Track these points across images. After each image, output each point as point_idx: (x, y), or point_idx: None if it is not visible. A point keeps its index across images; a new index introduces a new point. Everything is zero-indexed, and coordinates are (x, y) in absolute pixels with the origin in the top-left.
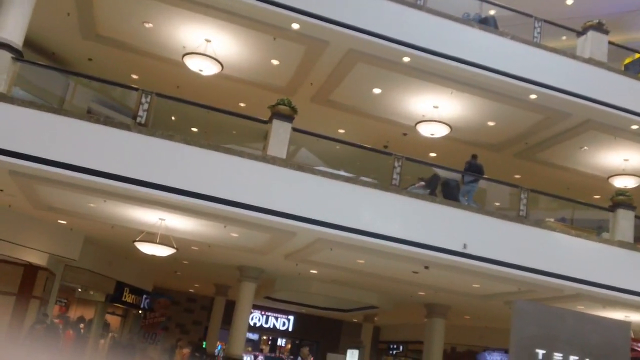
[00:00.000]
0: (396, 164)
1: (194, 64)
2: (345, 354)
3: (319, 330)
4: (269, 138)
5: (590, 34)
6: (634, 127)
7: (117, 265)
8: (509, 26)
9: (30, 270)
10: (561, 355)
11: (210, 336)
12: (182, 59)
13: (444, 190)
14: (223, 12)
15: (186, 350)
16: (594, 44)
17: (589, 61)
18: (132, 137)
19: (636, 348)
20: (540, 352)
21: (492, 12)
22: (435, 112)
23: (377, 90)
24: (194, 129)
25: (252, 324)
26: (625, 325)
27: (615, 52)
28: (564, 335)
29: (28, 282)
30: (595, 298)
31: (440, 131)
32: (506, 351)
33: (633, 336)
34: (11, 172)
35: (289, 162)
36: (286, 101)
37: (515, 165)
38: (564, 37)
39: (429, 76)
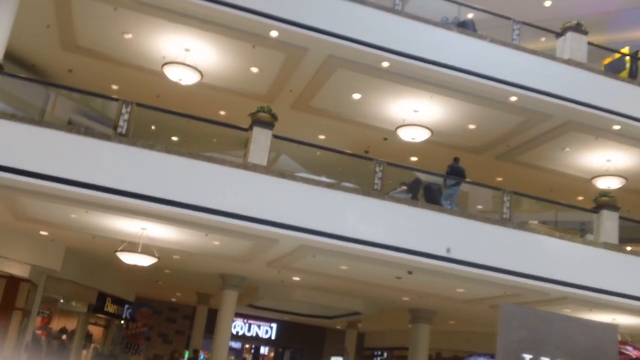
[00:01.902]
0: (377, 169)
1: (173, 73)
2: None
3: (302, 337)
4: (249, 145)
5: (569, 34)
6: (616, 127)
7: (99, 276)
8: (487, 29)
9: (13, 282)
10: (548, 359)
11: (192, 345)
12: (162, 68)
13: (426, 194)
14: (202, 22)
15: None
16: (573, 44)
17: (569, 62)
18: (113, 147)
19: (624, 351)
20: (528, 356)
21: (470, 16)
22: (415, 116)
23: (356, 96)
24: (175, 138)
25: (234, 332)
26: (612, 328)
27: (595, 53)
28: (551, 339)
29: (10, 294)
30: (581, 301)
31: (421, 135)
32: (492, 356)
33: (621, 339)
34: None
35: (270, 169)
36: (266, 108)
37: (497, 167)
38: (543, 39)
39: (408, 80)
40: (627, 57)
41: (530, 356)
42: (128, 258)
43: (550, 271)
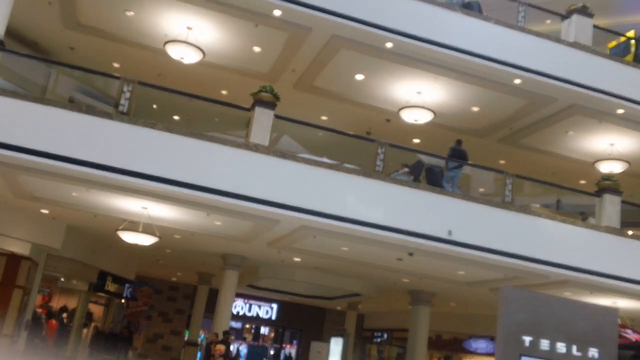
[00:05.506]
0: (379, 151)
1: (175, 51)
2: (329, 342)
3: (302, 318)
4: (251, 125)
5: (575, 17)
6: (620, 111)
7: (100, 254)
8: (492, 10)
9: (13, 260)
10: (548, 341)
11: (193, 325)
12: (164, 46)
13: (428, 177)
14: (204, 0)
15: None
16: (578, 27)
17: (574, 45)
18: (114, 125)
19: (624, 334)
20: (527, 338)
21: None
22: (418, 97)
23: (360, 77)
24: (176, 117)
25: (235, 312)
26: (613, 311)
27: (601, 36)
28: (551, 322)
29: (11, 272)
30: (582, 284)
31: (424, 117)
32: (492, 338)
33: (621, 322)
34: None
35: (272, 149)
36: (268, 88)
37: (499, 150)
38: (548, 21)
39: (412, 62)
40: (633, 41)
41: (530, 339)
42: (129, 237)
43: (551, 254)
